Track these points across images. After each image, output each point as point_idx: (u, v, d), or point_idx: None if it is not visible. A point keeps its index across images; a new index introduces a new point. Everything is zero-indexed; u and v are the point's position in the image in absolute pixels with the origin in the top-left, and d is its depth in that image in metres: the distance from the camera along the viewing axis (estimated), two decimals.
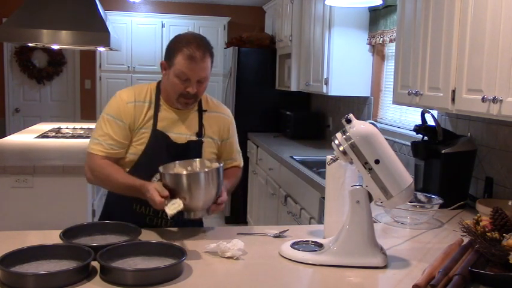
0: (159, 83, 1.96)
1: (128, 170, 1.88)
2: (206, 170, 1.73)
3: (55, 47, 4.38)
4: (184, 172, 1.73)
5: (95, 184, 1.94)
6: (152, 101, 1.91)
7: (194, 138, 1.93)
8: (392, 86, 2.69)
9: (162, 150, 1.87)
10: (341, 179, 1.76)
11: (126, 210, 1.90)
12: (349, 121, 1.55)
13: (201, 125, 1.95)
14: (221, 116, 2.02)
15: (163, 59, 1.91)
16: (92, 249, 1.44)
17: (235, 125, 2.08)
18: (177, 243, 1.58)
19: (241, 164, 2.12)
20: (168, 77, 1.87)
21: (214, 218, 5.58)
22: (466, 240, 1.63)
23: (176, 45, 1.84)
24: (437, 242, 1.83)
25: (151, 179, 1.72)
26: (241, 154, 2.13)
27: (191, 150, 1.90)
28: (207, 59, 1.84)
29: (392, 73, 2.69)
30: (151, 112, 1.90)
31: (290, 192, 3.49)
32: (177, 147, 1.88)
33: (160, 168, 1.69)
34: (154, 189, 1.65)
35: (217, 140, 1.99)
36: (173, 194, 1.63)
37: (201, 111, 1.97)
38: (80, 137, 4.27)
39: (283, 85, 4.99)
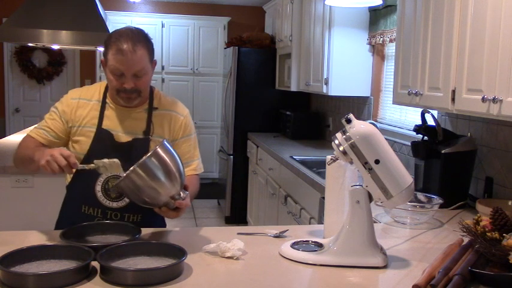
0: None
1: (74, 170, 1.72)
2: (148, 155, 1.56)
3: (55, 47, 4.38)
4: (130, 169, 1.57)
5: (15, 164, 1.90)
6: (100, 99, 1.89)
7: (140, 136, 1.87)
8: (392, 86, 2.69)
9: (107, 148, 1.81)
10: (341, 179, 1.76)
11: (75, 213, 1.87)
12: (349, 121, 1.54)
13: (149, 122, 1.89)
14: (173, 114, 1.94)
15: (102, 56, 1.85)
16: (92, 249, 1.44)
17: (192, 127, 1.99)
18: (177, 243, 1.58)
19: (199, 170, 1.99)
20: (107, 74, 1.82)
21: (214, 218, 5.58)
22: (466, 240, 1.63)
23: (108, 41, 1.78)
24: (437, 242, 1.83)
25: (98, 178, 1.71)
26: (200, 160, 2.00)
27: (137, 149, 1.82)
28: (139, 51, 1.75)
29: (393, 73, 2.69)
30: (96, 110, 1.87)
31: (290, 192, 3.49)
32: (121, 146, 1.83)
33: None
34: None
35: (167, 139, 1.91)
36: (136, 194, 1.57)
37: (151, 109, 1.91)
38: None
39: (283, 85, 4.99)
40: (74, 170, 1.65)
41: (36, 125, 1.91)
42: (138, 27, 1.85)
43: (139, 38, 1.77)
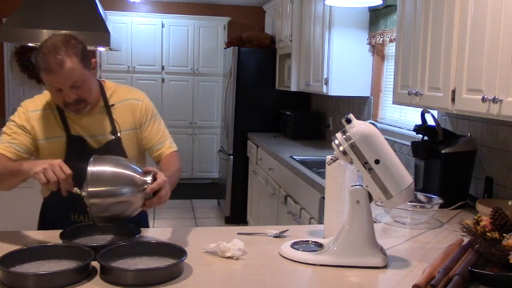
0: None
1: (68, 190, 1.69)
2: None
3: None
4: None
5: None
6: (55, 108, 1.83)
7: (111, 137, 1.84)
8: (392, 86, 2.69)
9: (82, 155, 1.73)
10: (341, 179, 1.76)
11: (63, 221, 1.81)
12: (349, 121, 1.54)
13: (112, 121, 1.86)
14: (131, 102, 1.91)
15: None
16: (92, 249, 1.44)
17: (154, 109, 1.96)
18: (177, 243, 1.58)
19: (174, 147, 1.97)
20: (47, 90, 1.78)
21: (214, 218, 5.58)
22: (466, 240, 1.63)
23: (36, 60, 1.69)
24: (437, 242, 1.83)
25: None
26: (171, 138, 1.98)
27: (112, 150, 1.81)
28: (67, 64, 1.65)
29: (392, 73, 2.69)
30: (56, 119, 1.82)
31: (290, 192, 3.49)
32: (97, 152, 1.75)
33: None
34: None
35: (136, 128, 1.90)
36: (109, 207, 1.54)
37: (108, 108, 1.87)
38: None
39: (283, 85, 4.99)
40: (68, 191, 1.56)
41: None
42: (64, 34, 1.73)
43: (64, 48, 1.66)
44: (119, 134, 1.86)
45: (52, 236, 1.68)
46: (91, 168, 1.54)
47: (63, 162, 1.73)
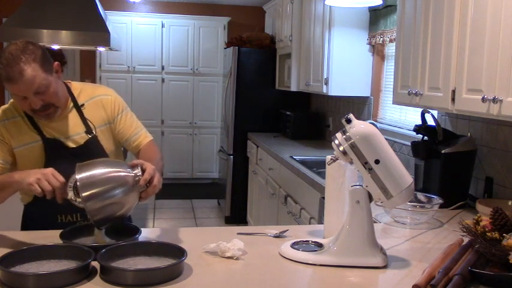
0: None
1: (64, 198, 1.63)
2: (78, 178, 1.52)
3: (55, 47, 4.38)
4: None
5: None
6: (23, 114, 1.80)
7: (87, 136, 1.84)
8: (392, 86, 2.69)
9: (62, 156, 1.76)
10: (341, 179, 1.76)
11: (51, 225, 1.80)
12: (349, 121, 1.54)
13: (85, 121, 1.86)
14: (100, 98, 1.91)
15: None
16: (92, 249, 1.44)
17: (123, 102, 1.97)
18: (177, 243, 1.58)
19: (150, 136, 1.99)
20: (13, 98, 1.75)
21: (214, 218, 5.58)
22: (466, 240, 1.63)
23: None
24: (437, 242, 1.83)
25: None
26: (145, 129, 1.99)
27: (91, 148, 1.82)
28: (27, 71, 1.62)
29: (393, 73, 2.69)
30: (27, 125, 1.80)
31: (290, 192, 3.49)
32: (76, 151, 1.80)
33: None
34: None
35: (110, 123, 1.91)
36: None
37: (78, 108, 1.86)
38: None
39: (283, 85, 4.99)
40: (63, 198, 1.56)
41: None
42: (21, 41, 1.69)
43: (22, 56, 1.64)
44: (94, 132, 1.86)
45: (52, 236, 1.68)
46: (79, 176, 1.53)
47: (44, 165, 1.73)
